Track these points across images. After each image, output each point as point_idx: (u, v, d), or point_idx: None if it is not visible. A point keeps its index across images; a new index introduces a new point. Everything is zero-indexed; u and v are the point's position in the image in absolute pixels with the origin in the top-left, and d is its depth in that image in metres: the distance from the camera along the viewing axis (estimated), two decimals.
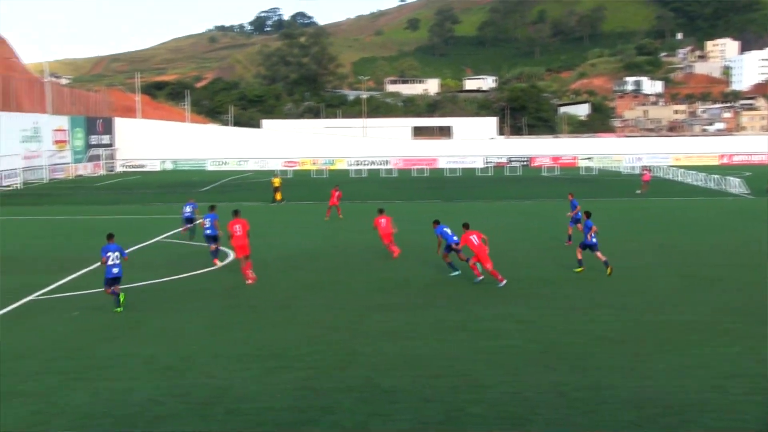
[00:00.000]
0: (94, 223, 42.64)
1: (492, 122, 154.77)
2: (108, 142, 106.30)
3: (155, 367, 16.28)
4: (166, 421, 13.37)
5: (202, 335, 18.91)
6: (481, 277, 24.57)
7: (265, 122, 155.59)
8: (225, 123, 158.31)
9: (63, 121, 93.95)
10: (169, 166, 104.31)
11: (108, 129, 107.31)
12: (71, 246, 34.20)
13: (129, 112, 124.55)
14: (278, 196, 53.64)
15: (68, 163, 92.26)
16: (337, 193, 44.47)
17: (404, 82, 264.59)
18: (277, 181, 54.78)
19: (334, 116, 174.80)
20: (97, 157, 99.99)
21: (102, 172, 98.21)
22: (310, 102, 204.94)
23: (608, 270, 25.55)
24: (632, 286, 23.98)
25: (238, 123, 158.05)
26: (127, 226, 41.59)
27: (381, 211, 30.54)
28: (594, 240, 25.62)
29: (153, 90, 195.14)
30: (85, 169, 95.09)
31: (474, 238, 24.09)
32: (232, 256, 29.04)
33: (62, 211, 49.99)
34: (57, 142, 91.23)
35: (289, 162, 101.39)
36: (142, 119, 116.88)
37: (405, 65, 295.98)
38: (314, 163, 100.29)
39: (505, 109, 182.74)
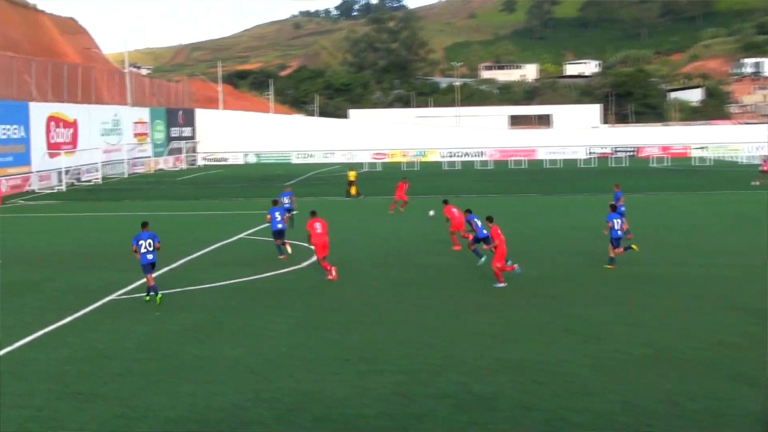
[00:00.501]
0: (175, 219, 43.46)
1: (595, 110, 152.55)
2: (189, 134, 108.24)
3: (239, 371, 16.44)
4: (250, 427, 13.48)
5: (288, 337, 19.04)
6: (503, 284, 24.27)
7: (352, 112, 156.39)
8: (310, 113, 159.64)
9: (143, 113, 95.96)
10: (252, 159, 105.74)
11: (189, 121, 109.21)
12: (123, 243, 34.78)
13: (211, 102, 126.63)
14: (354, 191, 53.77)
15: (148, 157, 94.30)
16: (405, 186, 44.71)
17: (500, 67, 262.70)
18: (352, 175, 54.96)
19: (426, 105, 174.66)
20: (177, 151, 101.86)
21: (183, 166, 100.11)
22: (399, 90, 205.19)
23: (609, 266, 26.34)
24: (758, 287, 23.26)
25: (324, 113, 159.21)
26: (209, 222, 42.31)
27: (446, 202, 31.97)
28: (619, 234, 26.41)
29: (235, 79, 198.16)
30: (166, 163, 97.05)
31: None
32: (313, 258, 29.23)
33: (143, 206, 51.09)
34: (137, 134, 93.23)
35: (377, 154, 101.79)
36: (224, 110, 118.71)
37: (501, 50, 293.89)
38: (404, 155, 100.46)
39: (610, 96, 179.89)
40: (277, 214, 30.09)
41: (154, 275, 23.42)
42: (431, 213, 38.01)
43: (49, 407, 14.37)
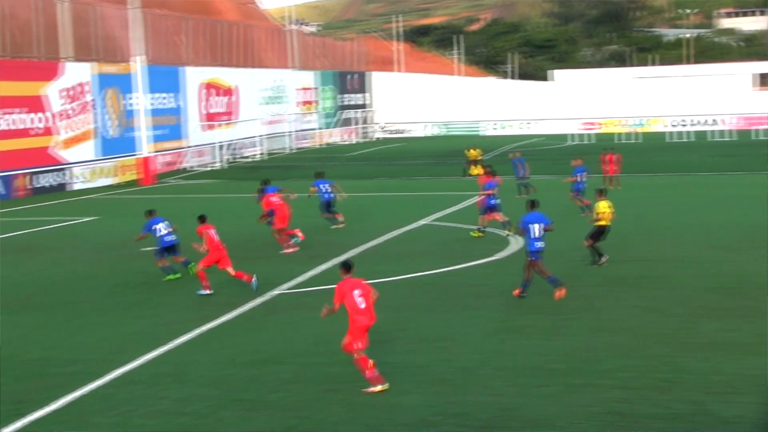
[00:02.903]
0: (348, 202, 44.26)
1: None
2: (362, 102, 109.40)
3: (427, 380, 16.64)
4: None
5: (483, 342, 19.16)
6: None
7: (556, 73, 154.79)
8: (505, 75, 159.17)
9: (309, 78, 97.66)
10: (435, 130, 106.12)
11: (362, 86, 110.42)
12: (323, 230, 35.63)
13: (387, 64, 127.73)
14: (475, 171, 53.00)
15: (316, 129, 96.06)
16: (614, 157, 44.30)
17: (744, 14, 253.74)
18: (474, 153, 54.64)
19: (646, 63, 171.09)
20: (349, 121, 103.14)
21: (356, 139, 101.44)
22: (614, 46, 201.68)
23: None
24: None
25: (522, 75, 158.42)
26: (387, 205, 42.93)
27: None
28: None
29: (416, 36, 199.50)
30: (336, 136, 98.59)
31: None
32: (513, 247, 29.26)
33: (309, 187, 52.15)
34: (303, 103, 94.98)
35: (587, 123, 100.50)
36: (403, 73, 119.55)
37: None
38: (622, 125, 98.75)
39: None
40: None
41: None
42: None
43: (212, 415, 14.99)
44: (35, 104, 55.31)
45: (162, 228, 26.24)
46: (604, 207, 26.32)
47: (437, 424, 14.46)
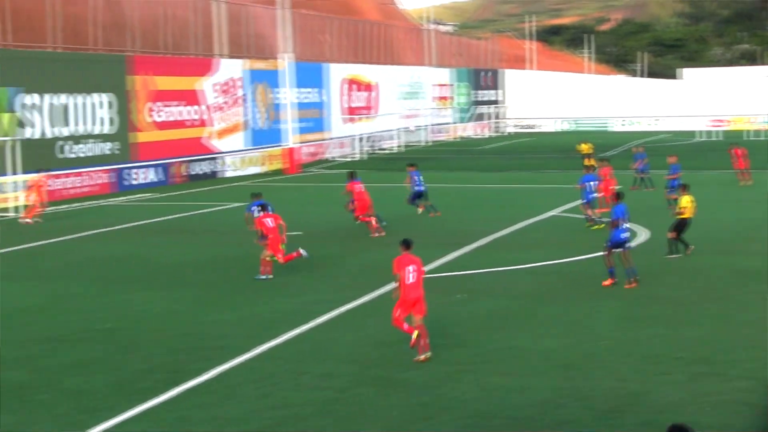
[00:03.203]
0: (480, 193, 44.28)
1: None
2: (495, 98, 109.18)
3: (554, 364, 16.54)
4: (566, 427, 13.54)
5: (610, 329, 18.95)
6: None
7: (685, 72, 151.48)
8: (634, 73, 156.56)
9: (445, 75, 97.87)
10: (565, 126, 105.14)
11: (495, 83, 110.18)
12: (455, 218, 35.66)
13: (519, 62, 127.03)
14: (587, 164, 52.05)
15: (450, 123, 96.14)
16: (740, 152, 43.51)
17: None
18: (585, 148, 53.42)
19: None
20: (482, 116, 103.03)
21: (488, 133, 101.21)
22: (745, 45, 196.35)
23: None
24: None
25: (651, 73, 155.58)
26: (517, 197, 42.72)
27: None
28: None
29: (548, 35, 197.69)
30: (470, 130, 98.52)
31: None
32: (643, 236, 28.87)
33: (445, 178, 52.29)
34: (438, 98, 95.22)
35: (715, 121, 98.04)
36: (534, 71, 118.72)
37: None
38: (750, 122, 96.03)
39: None
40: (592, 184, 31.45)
41: None
42: None
43: (350, 390, 15.16)
44: (191, 98, 56.58)
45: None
46: (686, 201, 26.46)
47: (563, 406, 14.36)
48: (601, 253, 23.79)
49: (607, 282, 22.89)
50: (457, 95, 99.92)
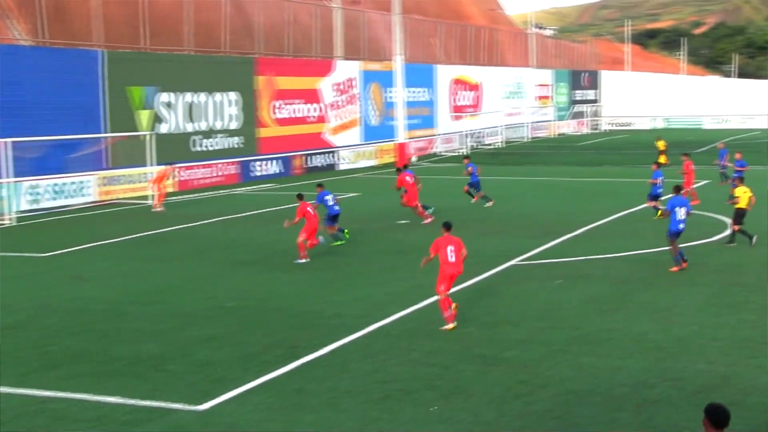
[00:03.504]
0: (577, 185, 43.78)
1: None
2: (593, 97, 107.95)
3: (646, 347, 16.30)
4: (656, 406, 13.32)
5: (699, 314, 18.59)
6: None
7: None
8: (727, 75, 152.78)
9: (546, 76, 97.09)
10: (659, 124, 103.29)
11: (593, 83, 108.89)
12: (553, 209, 35.37)
13: (616, 64, 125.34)
14: (662, 159, 50.64)
15: (550, 121, 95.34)
16: None
17: None
18: (661, 144, 52.12)
19: None
20: (580, 114, 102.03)
21: (586, 130, 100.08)
22: None
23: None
24: None
25: (743, 74, 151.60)
26: (612, 189, 42.13)
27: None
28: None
29: (644, 39, 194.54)
30: (568, 127, 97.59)
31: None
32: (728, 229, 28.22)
33: (544, 171, 51.88)
34: (539, 97, 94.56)
35: None
36: (630, 72, 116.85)
37: None
38: None
39: None
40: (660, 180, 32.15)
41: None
42: None
43: (454, 367, 15.15)
44: (312, 96, 57.11)
45: (330, 199, 27.29)
46: (740, 192, 26.69)
47: (654, 386, 14.15)
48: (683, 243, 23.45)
49: (674, 268, 22.88)
50: (557, 95, 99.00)
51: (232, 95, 50.77)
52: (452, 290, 18.28)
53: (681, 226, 22.87)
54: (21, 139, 36.11)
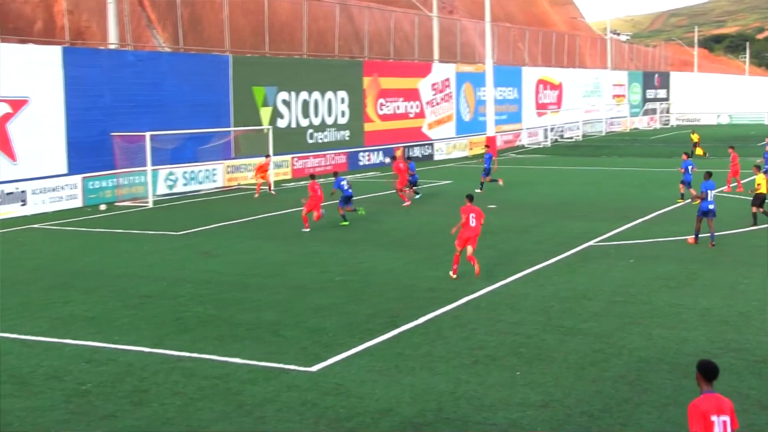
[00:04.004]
0: (649, 175, 42.77)
1: None
2: (663, 96, 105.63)
3: (711, 320, 15.82)
4: (720, 374, 12.83)
5: (761, 291, 17.96)
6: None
7: None
8: None
9: (621, 77, 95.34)
10: (724, 120, 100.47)
11: (664, 83, 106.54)
12: (627, 196, 34.66)
13: (685, 66, 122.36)
14: (698, 151, 52.48)
15: (624, 117, 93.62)
16: None
17: None
18: (695, 137, 52.28)
19: None
20: (652, 111, 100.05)
21: (656, 125, 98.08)
22: None
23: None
24: None
25: None
26: (680, 178, 41.01)
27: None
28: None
29: (711, 43, 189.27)
30: (640, 123, 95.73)
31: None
32: None
33: (618, 162, 50.86)
34: (615, 96, 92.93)
35: None
36: (698, 73, 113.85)
37: None
38: None
39: None
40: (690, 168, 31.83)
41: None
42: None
43: (536, 336, 14.90)
44: (412, 95, 56.89)
45: (345, 184, 28.33)
46: (761, 179, 26.47)
47: (718, 356, 13.66)
48: (752, 227, 22.84)
49: (691, 240, 23.44)
50: (631, 93, 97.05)
51: (342, 94, 50.87)
52: (538, 266, 17.92)
53: (711, 206, 23.06)
54: (159, 132, 36.79)
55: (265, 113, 45.01)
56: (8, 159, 32.14)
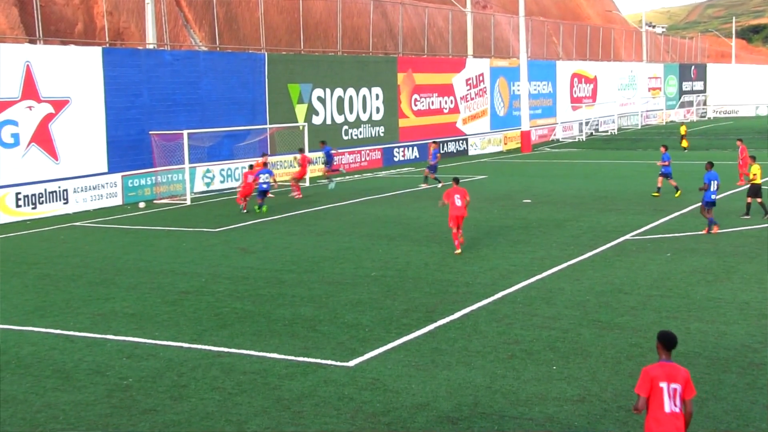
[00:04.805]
0: (685, 167, 42.27)
1: None
2: (700, 88, 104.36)
3: (750, 314, 15.64)
4: (760, 368, 12.74)
5: None
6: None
7: None
8: None
9: (657, 69, 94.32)
10: (763, 111, 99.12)
11: (701, 75, 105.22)
12: (664, 189, 34.28)
13: (722, 57, 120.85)
14: (684, 143, 53.54)
15: (660, 110, 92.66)
16: None
17: None
18: (683, 129, 55.06)
19: None
20: (688, 104, 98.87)
21: (693, 117, 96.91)
22: None
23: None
24: None
25: None
26: (717, 171, 40.52)
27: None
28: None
29: (749, 34, 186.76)
30: (677, 115, 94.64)
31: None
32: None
33: (653, 156, 50.32)
34: (651, 89, 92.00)
35: None
36: (735, 64, 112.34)
37: None
38: None
39: None
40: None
41: None
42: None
43: (573, 331, 14.83)
44: (446, 90, 56.78)
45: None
46: (756, 169, 26.66)
47: (758, 350, 13.57)
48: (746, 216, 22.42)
49: (712, 230, 23.68)
50: (667, 86, 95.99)
51: (377, 90, 50.91)
52: (574, 260, 17.83)
53: (713, 197, 23.68)
54: (196, 130, 37.07)
55: (301, 110, 45.17)
56: (51, 158, 32.59)
